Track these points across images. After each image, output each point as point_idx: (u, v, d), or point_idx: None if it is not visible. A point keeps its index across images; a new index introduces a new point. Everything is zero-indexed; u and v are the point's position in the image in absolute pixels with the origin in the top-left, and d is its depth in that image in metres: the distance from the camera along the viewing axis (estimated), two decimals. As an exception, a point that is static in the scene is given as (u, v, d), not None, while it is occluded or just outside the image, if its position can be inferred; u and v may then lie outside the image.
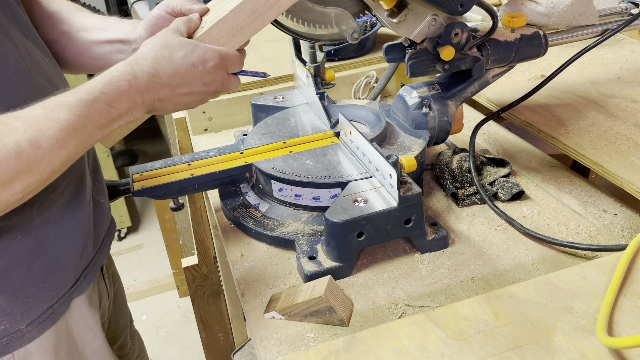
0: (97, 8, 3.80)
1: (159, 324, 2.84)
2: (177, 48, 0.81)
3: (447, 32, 1.07)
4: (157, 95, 0.80)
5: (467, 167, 1.16)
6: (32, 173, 0.69)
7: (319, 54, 1.28)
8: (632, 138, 1.17)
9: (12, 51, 0.80)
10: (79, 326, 0.95)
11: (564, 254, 0.99)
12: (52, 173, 0.72)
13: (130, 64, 0.79)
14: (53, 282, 0.87)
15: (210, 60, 0.83)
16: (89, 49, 1.02)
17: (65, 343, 0.92)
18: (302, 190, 1.05)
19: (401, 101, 1.19)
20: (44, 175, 0.71)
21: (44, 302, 0.87)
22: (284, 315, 0.89)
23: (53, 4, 1.04)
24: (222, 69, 0.85)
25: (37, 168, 0.69)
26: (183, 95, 0.83)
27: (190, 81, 0.82)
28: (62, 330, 0.91)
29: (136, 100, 0.78)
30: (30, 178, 0.69)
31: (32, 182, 0.70)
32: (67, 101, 0.72)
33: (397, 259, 1.01)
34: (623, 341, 0.68)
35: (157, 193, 1.10)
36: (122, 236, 3.46)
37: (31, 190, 0.71)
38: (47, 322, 0.87)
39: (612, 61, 1.55)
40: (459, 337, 0.74)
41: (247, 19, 0.83)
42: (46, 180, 0.72)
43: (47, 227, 0.85)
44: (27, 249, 0.83)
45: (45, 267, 0.86)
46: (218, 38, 0.83)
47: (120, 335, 1.22)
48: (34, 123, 0.69)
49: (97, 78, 0.76)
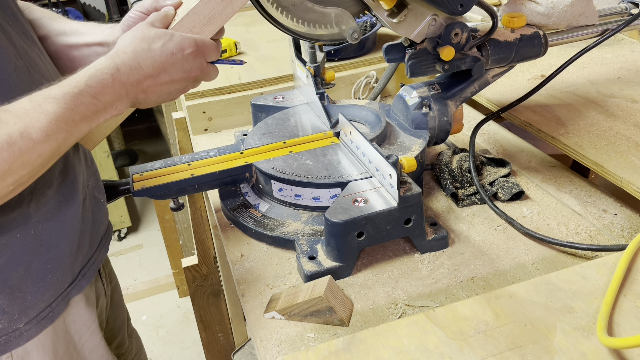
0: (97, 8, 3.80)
1: (159, 324, 2.84)
2: (154, 39, 0.83)
3: (447, 32, 1.07)
4: (140, 87, 0.82)
5: (467, 167, 1.16)
6: (23, 165, 0.70)
7: (319, 54, 1.28)
8: (632, 138, 1.17)
9: (10, 48, 0.81)
10: (76, 325, 0.95)
11: (564, 254, 0.99)
12: (42, 165, 0.73)
13: (112, 57, 0.81)
14: (52, 280, 0.88)
15: (187, 47, 0.85)
16: (68, 53, 1.03)
17: (64, 341, 0.93)
18: (302, 190, 1.06)
19: (401, 101, 1.19)
20: (35, 166, 0.72)
21: (42, 300, 0.87)
22: (284, 315, 0.89)
23: (33, 12, 1.06)
24: (200, 55, 0.87)
25: (28, 160, 0.70)
26: (165, 84, 0.85)
27: (170, 69, 0.84)
28: (60, 329, 0.91)
29: (120, 92, 0.80)
30: (22, 170, 0.70)
31: (24, 174, 0.71)
32: (54, 94, 0.73)
33: (397, 259, 1.01)
34: (623, 341, 0.68)
35: (157, 193, 1.10)
36: (122, 236, 3.45)
37: (22, 182, 0.72)
38: (46, 321, 0.88)
39: (612, 61, 1.55)
40: (459, 337, 0.74)
41: (217, 7, 0.86)
42: (37, 173, 0.74)
43: (45, 224, 0.86)
44: (26, 247, 0.84)
45: (44, 265, 0.86)
46: (191, 28, 0.86)
47: (118, 333, 1.22)
48: (23, 115, 0.70)
49: (82, 72, 0.78)
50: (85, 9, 3.78)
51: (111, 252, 1.10)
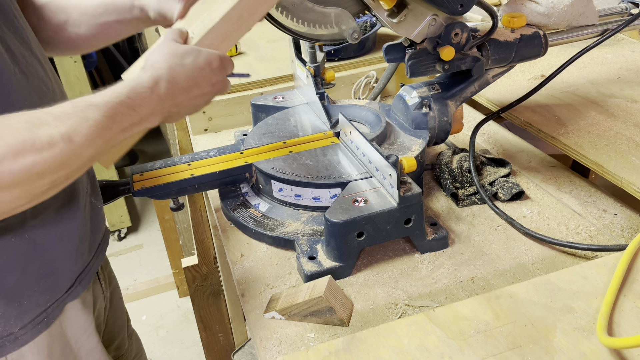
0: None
1: (159, 324, 2.84)
2: (184, 55, 0.87)
3: (447, 32, 1.07)
4: (175, 101, 0.85)
5: (467, 167, 1.16)
6: (62, 166, 0.71)
7: (319, 54, 1.28)
8: (632, 138, 1.17)
9: (7, 55, 0.82)
10: (73, 328, 0.95)
11: (564, 254, 0.99)
12: (79, 169, 0.75)
13: (149, 71, 0.84)
14: (47, 285, 0.88)
15: (213, 62, 0.88)
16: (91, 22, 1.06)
17: (59, 345, 0.93)
18: (302, 190, 1.06)
19: (401, 101, 1.19)
20: (72, 169, 0.73)
21: (38, 305, 0.87)
22: (284, 315, 0.89)
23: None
24: (223, 69, 0.91)
25: (67, 162, 0.71)
26: (195, 97, 0.88)
27: (201, 83, 0.88)
28: (55, 333, 0.92)
29: (156, 106, 0.82)
30: (60, 171, 0.71)
31: (61, 176, 0.72)
32: (96, 102, 0.75)
33: (397, 259, 1.01)
34: (623, 341, 0.68)
35: (157, 193, 1.10)
36: (122, 236, 3.45)
37: (58, 184, 0.73)
38: (41, 326, 0.88)
39: (612, 61, 1.55)
40: (459, 337, 0.74)
41: (234, 25, 0.91)
42: (72, 176, 0.75)
43: (41, 229, 0.86)
44: (21, 252, 0.84)
45: (39, 270, 0.86)
46: (209, 45, 0.91)
47: (117, 335, 1.22)
48: (65, 119, 0.71)
49: (122, 83, 0.81)
50: None
51: (111, 252, 1.11)
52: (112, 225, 3.36)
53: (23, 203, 0.71)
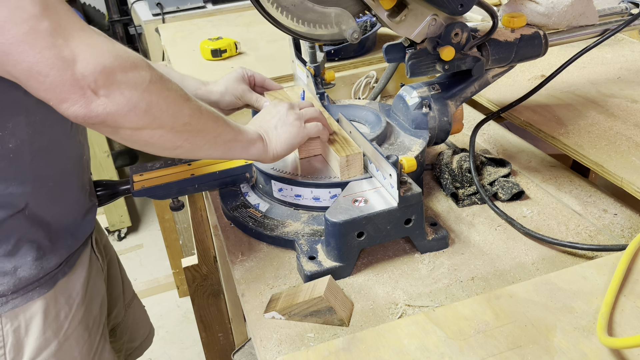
0: (97, 8, 3.80)
1: (159, 324, 2.84)
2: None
3: (447, 32, 1.06)
4: (268, 138, 1.00)
5: (467, 167, 1.16)
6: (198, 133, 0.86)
7: (319, 54, 1.28)
8: (632, 138, 1.17)
9: None
10: (65, 296, 0.99)
11: (564, 254, 0.99)
12: (204, 142, 0.88)
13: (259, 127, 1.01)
14: (40, 260, 0.93)
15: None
16: None
17: (54, 309, 0.97)
18: (302, 190, 1.06)
19: (401, 101, 1.19)
20: (195, 136, 0.86)
21: (31, 276, 0.92)
22: (284, 315, 0.89)
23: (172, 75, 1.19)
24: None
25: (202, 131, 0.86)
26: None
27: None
28: (50, 299, 0.96)
29: (262, 153, 0.98)
30: (198, 139, 0.86)
31: (163, 133, 0.81)
32: (232, 123, 0.93)
33: (397, 259, 1.01)
34: (623, 341, 0.68)
35: (157, 193, 1.10)
36: (122, 236, 3.45)
37: (157, 136, 0.80)
38: (33, 294, 0.94)
39: (612, 61, 1.55)
40: (459, 337, 0.74)
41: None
42: (192, 149, 0.87)
43: (41, 202, 0.91)
44: (16, 223, 0.89)
45: (34, 243, 0.91)
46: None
47: (115, 305, 1.27)
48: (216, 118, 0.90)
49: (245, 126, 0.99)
50: (85, 9, 3.78)
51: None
52: (112, 225, 3.36)
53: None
